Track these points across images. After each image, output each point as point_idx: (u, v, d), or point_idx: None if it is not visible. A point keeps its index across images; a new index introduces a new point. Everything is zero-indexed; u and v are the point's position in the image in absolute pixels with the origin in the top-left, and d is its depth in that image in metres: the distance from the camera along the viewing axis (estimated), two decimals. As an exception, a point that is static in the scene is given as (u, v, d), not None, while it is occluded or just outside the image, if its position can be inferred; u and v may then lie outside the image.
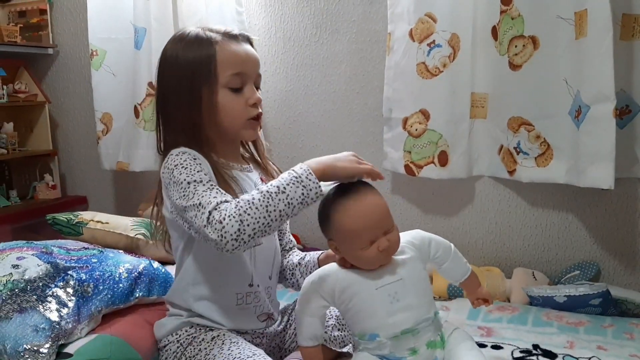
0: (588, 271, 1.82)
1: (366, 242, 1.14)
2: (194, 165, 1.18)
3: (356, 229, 1.14)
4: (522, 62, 1.75)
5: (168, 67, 1.29)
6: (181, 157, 1.19)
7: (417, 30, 1.87)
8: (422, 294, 1.19)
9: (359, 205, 1.15)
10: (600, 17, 1.54)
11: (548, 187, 1.84)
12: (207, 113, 1.25)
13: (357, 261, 1.17)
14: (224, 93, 1.26)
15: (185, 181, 1.15)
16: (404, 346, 1.14)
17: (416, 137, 1.92)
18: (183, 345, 1.28)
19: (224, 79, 1.25)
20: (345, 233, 1.15)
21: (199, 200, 1.10)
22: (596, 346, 1.43)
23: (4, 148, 2.44)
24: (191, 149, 1.24)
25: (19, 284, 1.37)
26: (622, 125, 1.69)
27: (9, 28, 2.48)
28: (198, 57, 1.25)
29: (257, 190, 1.09)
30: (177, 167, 1.18)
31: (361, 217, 1.14)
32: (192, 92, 1.25)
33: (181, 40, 1.28)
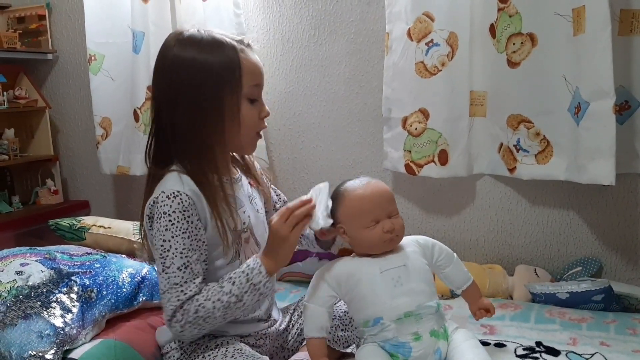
0: (590, 267, 1.82)
1: (371, 221, 1.22)
2: (181, 222, 1.16)
3: (361, 206, 1.24)
4: (520, 60, 1.75)
5: (179, 70, 1.20)
6: (171, 205, 1.16)
7: (415, 29, 1.87)
8: (425, 282, 1.24)
9: (365, 187, 1.26)
10: (598, 13, 1.54)
11: (549, 184, 1.85)
12: (230, 123, 1.21)
13: (363, 242, 1.25)
14: (245, 104, 1.23)
15: (168, 242, 1.17)
16: (407, 330, 1.18)
17: (416, 136, 1.92)
18: (186, 352, 1.28)
19: (246, 88, 1.22)
20: (352, 211, 1.24)
21: (172, 282, 1.16)
22: (599, 342, 1.44)
23: (6, 154, 2.44)
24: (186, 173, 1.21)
25: (23, 290, 1.38)
26: (621, 121, 1.69)
27: (9, 34, 2.48)
28: (222, 62, 1.19)
29: (218, 298, 1.16)
30: (165, 217, 1.16)
31: (366, 196, 1.25)
32: (215, 99, 1.19)
33: (196, 43, 1.21)
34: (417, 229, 2.07)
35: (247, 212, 1.32)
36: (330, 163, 2.22)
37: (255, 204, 1.38)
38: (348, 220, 1.25)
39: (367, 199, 1.24)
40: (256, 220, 1.35)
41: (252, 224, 1.33)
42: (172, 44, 1.23)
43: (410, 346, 1.18)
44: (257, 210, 1.37)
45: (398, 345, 1.18)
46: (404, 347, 1.18)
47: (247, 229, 1.31)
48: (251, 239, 1.32)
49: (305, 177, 2.27)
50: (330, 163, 2.22)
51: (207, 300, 1.16)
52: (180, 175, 1.21)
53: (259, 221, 1.36)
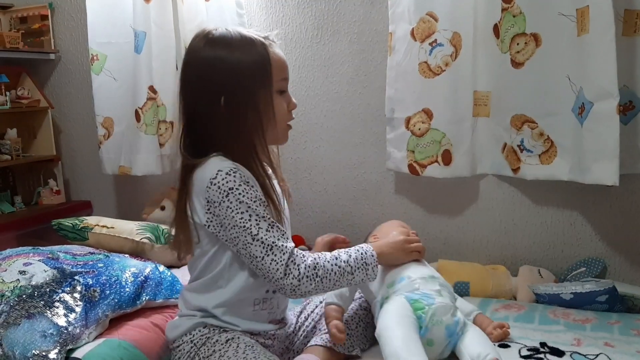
0: (594, 268, 1.81)
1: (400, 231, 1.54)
2: (250, 192, 1.21)
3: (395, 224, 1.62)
4: (524, 60, 1.75)
5: (213, 69, 1.24)
6: (234, 180, 1.21)
7: (419, 29, 1.87)
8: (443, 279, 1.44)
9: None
10: (602, 13, 1.54)
11: (552, 184, 1.84)
12: (266, 116, 1.27)
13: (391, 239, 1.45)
14: (277, 97, 1.29)
15: (247, 212, 1.20)
16: (431, 287, 1.35)
17: (419, 137, 1.92)
18: (197, 345, 1.28)
19: (277, 83, 1.28)
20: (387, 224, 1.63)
21: (269, 242, 1.20)
22: (603, 343, 1.43)
23: (8, 154, 2.44)
24: (236, 162, 1.24)
25: (27, 289, 1.38)
26: (625, 121, 1.69)
27: (11, 34, 2.48)
28: (254, 59, 1.25)
29: (335, 262, 1.25)
30: (233, 192, 1.20)
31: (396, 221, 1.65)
32: (249, 95, 1.25)
33: (225, 43, 1.25)
34: (421, 229, 2.06)
35: (282, 203, 1.36)
36: (333, 163, 2.22)
37: (284, 199, 1.42)
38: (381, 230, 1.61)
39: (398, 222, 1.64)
40: (286, 212, 1.40)
41: (285, 213, 1.37)
42: (201, 45, 1.27)
43: (433, 297, 1.31)
44: (285, 208, 1.40)
45: (422, 295, 1.32)
46: (429, 297, 1.31)
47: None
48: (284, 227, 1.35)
49: (307, 177, 2.27)
50: (333, 163, 2.22)
51: (327, 262, 1.24)
52: (224, 159, 1.25)
53: (287, 214, 1.41)
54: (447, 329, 1.28)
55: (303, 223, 2.25)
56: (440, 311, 1.29)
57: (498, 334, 1.41)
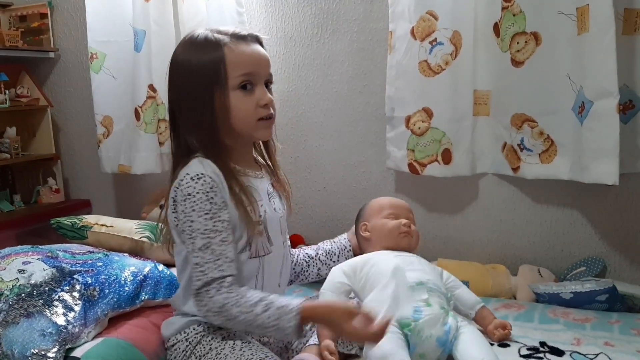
0: (594, 267, 1.81)
1: (390, 214, 1.50)
2: (205, 203, 1.21)
3: (383, 203, 1.54)
4: (524, 59, 1.75)
5: (179, 71, 1.30)
6: (195, 186, 1.22)
7: (419, 28, 1.86)
8: (435, 274, 1.41)
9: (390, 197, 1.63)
10: (602, 12, 1.54)
11: (552, 183, 1.84)
12: (220, 115, 1.27)
13: (381, 230, 1.48)
14: (236, 94, 1.27)
15: (195, 222, 1.21)
16: (419, 296, 1.30)
17: (419, 136, 1.91)
18: (192, 343, 1.29)
19: (234, 80, 1.26)
20: (375, 207, 1.54)
21: (194, 263, 1.20)
22: (603, 342, 1.43)
23: (7, 152, 2.44)
24: (208, 159, 1.26)
25: (25, 288, 1.38)
26: (625, 120, 1.68)
27: (10, 32, 2.48)
28: (207, 60, 1.26)
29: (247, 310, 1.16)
30: (190, 199, 1.21)
31: (388, 200, 1.57)
32: (204, 95, 1.26)
33: (191, 44, 1.30)
34: (420, 228, 2.03)
35: (263, 207, 1.34)
36: (333, 162, 2.22)
37: (274, 202, 1.39)
38: (370, 215, 1.52)
39: (388, 201, 1.55)
40: (272, 217, 1.36)
41: (267, 219, 1.34)
42: (177, 47, 1.34)
43: (420, 309, 1.27)
44: (275, 209, 1.38)
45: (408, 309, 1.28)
46: (415, 310, 1.27)
47: (261, 222, 1.32)
48: (264, 234, 1.33)
49: (307, 176, 2.26)
50: (333, 162, 2.22)
51: (236, 307, 1.17)
52: (203, 160, 1.27)
53: (274, 219, 1.37)
54: (438, 340, 1.26)
55: (303, 222, 2.25)
56: (428, 325, 1.26)
57: (500, 334, 1.40)
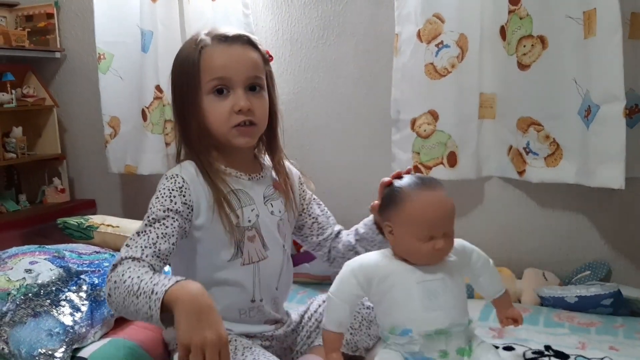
0: (599, 271, 1.81)
1: (426, 236, 1.15)
2: (166, 198, 1.19)
3: (423, 219, 1.15)
4: (530, 62, 1.75)
5: (172, 69, 1.30)
6: (165, 184, 1.22)
7: (425, 31, 1.87)
8: (459, 298, 1.21)
9: (434, 199, 1.16)
10: (609, 16, 1.53)
11: (558, 187, 1.84)
12: (195, 119, 1.24)
13: (408, 251, 1.18)
14: (209, 99, 1.24)
15: (148, 212, 1.20)
16: (435, 347, 1.14)
17: (425, 138, 1.92)
18: None
19: (206, 85, 1.23)
20: (411, 220, 1.16)
21: (132, 240, 1.16)
22: (608, 346, 1.43)
23: (13, 152, 2.45)
24: (195, 163, 1.25)
25: (33, 288, 1.39)
26: (631, 124, 1.69)
27: (17, 32, 2.49)
28: (185, 61, 1.25)
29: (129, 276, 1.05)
30: (156, 193, 1.22)
31: (432, 210, 1.15)
32: (182, 97, 1.26)
33: (185, 43, 1.30)
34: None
35: (255, 211, 1.29)
36: (338, 164, 2.22)
37: (271, 205, 1.34)
38: (401, 224, 1.18)
39: (430, 212, 1.15)
40: (267, 221, 1.32)
41: (261, 223, 1.30)
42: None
43: None
44: (272, 212, 1.34)
45: None
46: None
47: (252, 227, 1.28)
48: (257, 239, 1.29)
49: (312, 178, 2.25)
50: (338, 164, 2.22)
51: (126, 270, 1.08)
52: (186, 164, 1.26)
53: (271, 223, 1.33)
54: None
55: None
56: None
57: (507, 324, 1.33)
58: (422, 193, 1.17)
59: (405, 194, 1.18)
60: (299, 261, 1.99)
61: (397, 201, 1.19)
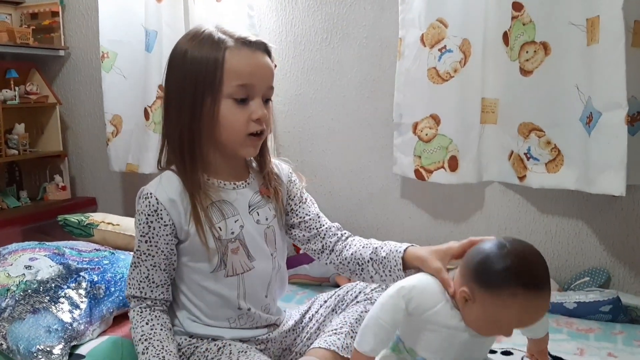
0: (598, 278, 1.81)
1: (503, 331, 1.05)
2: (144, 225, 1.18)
3: (513, 323, 1.03)
4: (533, 68, 1.75)
5: (175, 64, 1.20)
6: (140, 206, 1.19)
7: (429, 35, 1.87)
8: (486, 352, 1.17)
9: (538, 308, 1.03)
10: (612, 24, 1.54)
11: (558, 193, 1.84)
12: (207, 122, 1.17)
13: (473, 323, 1.07)
14: (227, 104, 1.17)
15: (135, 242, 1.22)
16: None
17: (426, 142, 1.92)
18: (186, 354, 1.24)
19: (228, 88, 1.16)
20: (500, 318, 1.02)
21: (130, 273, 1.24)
22: (607, 353, 1.43)
23: (15, 149, 2.45)
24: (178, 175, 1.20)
25: (32, 284, 1.39)
26: (633, 132, 1.68)
27: (22, 30, 2.50)
28: (205, 58, 1.15)
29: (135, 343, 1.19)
30: (136, 216, 1.21)
31: (528, 318, 1.04)
32: (194, 96, 1.16)
33: (193, 38, 1.19)
34: (426, 234, 2.06)
35: (239, 222, 1.24)
36: (339, 167, 2.22)
37: (257, 214, 1.28)
38: (485, 310, 1.03)
39: (526, 321, 1.04)
40: (253, 230, 1.26)
41: (245, 234, 1.24)
42: (180, 38, 1.24)
43: None
44: (257, 221, 1.28)
45: None
46: None
47: (235, 239, 1.23)
48: (241, 250, 1.24)
49: (313, 180, 2.23)
50: (339, 167, 2.22)
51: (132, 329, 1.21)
52: (164, 176, 1.22)
53: (257, 232, 1.27)
54: None
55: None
56: None
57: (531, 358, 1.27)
58: (529, 298, 1.00)
59: (511, 291, 0.99)
60: (299, 262, 1.99)
61: (495, 288, 1.01)
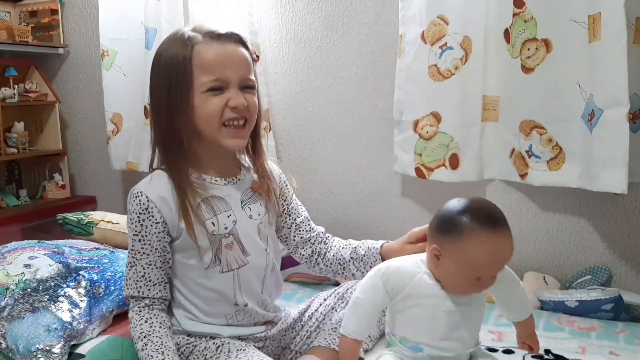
0: (600, 276, 1.81)
1: (475, 277, 1.07)
2: (136, 224, 1.21)
3: (481, 264, 1.05)
4: (534, 65, 1.74)
5: (153, 67, 1.25)
6: (131, 205, 1.22)
7: (429, 32, 1.86)
8: (477, 328, 1.18)
9: (499, 245, 1.06)
10: (614, 21, 1.53)
11: (559, 191, 1.83)
12: (184, 117, 1.20)
13: (449, 283, 1.10)
14: (202, 96, 1.19)
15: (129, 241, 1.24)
16: None
17: (427, 140, 1.91)
18: (184, 354, 1.25)
19: (199, 83, 1.19)
20: (466, 261, 1.05)
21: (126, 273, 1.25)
22: (608, 351, 1.43)
23: (15, 147, 2.45)
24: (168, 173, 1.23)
25: (31, 283, 1.38)
26: (635, 129, 1.67)
27: (21, 28, 2.49)
28: (175, 57, 1.19)
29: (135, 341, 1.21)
30: (128, 215, 1.24)
31: (493, 257, 1.06)
32: (169, 94, 1.20)
33: (168, 40, 1.24)
34: (426, 233, 2.05)
35: (232, 217, 1.25)
36: (340, 165, 2.22)
37: (250, 209, 1.30)
38: (452, 258, 1.07)
39: (489, 259, 1.05)
40: (246, 225, 1.28)
41: (239, 229, 1.26)
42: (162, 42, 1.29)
43: None
44: (250, 216, 1.29)
45: None
46: None
47: (229, 234, 1.25)
48: (235, 246, 1.26)
49: (313, 178, 2.26)
50: (340, 165, 2.22)
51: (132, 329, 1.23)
52: (155, 175, 1.25)
53: (250, 227, 1.29)
54: None
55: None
56: None
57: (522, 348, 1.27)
58: (487, 235, 1.04)
59: (469, 229, 1.05)
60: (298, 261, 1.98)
61: (456, 233, 1.06)
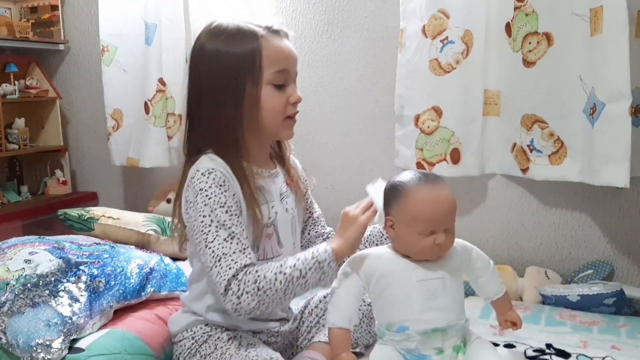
0: (601, 270, 1.80)
1: (427, 231, 1.14)
2: (219, 196, 1.16)
3: (425, 214, 1.14)
4: (536, 59, 1.73)
5: (207, 62, 1.24)
6: (206, 181, 1.17)
7: (430, 26, 1.85)
8: (457, 298, 1.20)
9: (436, 193, 1.16)
10: (615, 14, 1.52)
11: (561, 185, 1.83)
12: (249, 109, 1.22)
13: (409, 246, 1.17)
14: (268, 89, 1.23)
15: (208, 217, 1.15)
16: (431, 344, 1.14)
17: (428, 135, 1.90)
18: (198, 342, 1.28)
19: (268, 75, 1.22)
20: (412, 215, 1.15)
21: (219, 253, 1.13)
22: (610, 346, 1.42)
23: (16, 143, 2.45)
24: (219, 157, 1.22)
25: (31, 278, 1.38)
26: (637, 123, 1.67)
27: (21, 24, 2.49)
28: (243, 51, 1.21)
29: (280, 270, 1.13)
30: (202, 193, 1.17)
31: (434, 205, 1.15)
32: (236, 87, 1.22)
33: (220, 34, 1.24)
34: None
35: (275, 208, 1.30)
36: (341, 160, 2.21)
37: (286, 202, 1.35)
38: (402, 219, 1.17)
39: (432, 207, 1.14)
40: (283, 218, 1.33)
41: (278, 221, 1.31)
42: (201, 36, 1.27)
43: (431, 358, 1.15)
44: (287, 210, 1.35)
45: (419, 357, 1.15)
46: (425, 359, 1.15)
47: (271, 224, 1.29)
48: (274, 236, 1.30)
49: (315, 173, 2.23)
50: (341, 160, 2.21)
51: (269, 272, 1.13)
52: (210, 157, 1.23)
53: (286, 220, 1.34)
54: None
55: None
56: None
57: (506, 327, 1.31)
58: (424, 188, 1.16)
59: (407, 189, 1.17)
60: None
61: (398, 196, 1.18)
